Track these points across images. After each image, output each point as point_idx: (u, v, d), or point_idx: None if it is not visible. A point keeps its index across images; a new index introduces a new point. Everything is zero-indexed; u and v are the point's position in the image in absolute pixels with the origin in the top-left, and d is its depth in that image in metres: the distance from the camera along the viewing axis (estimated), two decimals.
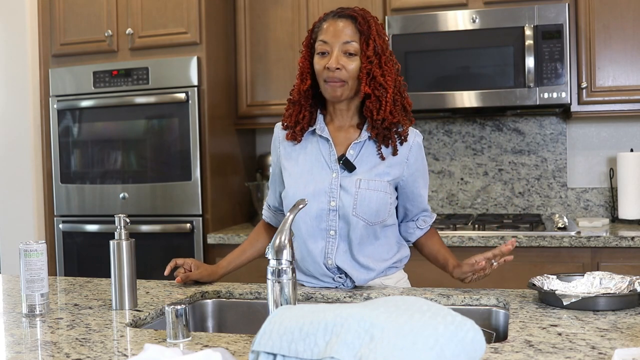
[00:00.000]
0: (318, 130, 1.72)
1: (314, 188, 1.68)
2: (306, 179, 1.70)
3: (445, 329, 0.94)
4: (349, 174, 1.68)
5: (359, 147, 1.70)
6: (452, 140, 3.41)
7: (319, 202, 1.68)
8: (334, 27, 1.66)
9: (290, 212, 1.33)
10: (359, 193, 1.66)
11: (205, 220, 3.13)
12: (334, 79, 1.64)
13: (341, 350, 0.91)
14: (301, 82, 1.72)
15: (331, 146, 1.71)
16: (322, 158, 1.72)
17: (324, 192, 1.68)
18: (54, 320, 1.46)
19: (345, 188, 1.67)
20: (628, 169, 2.99)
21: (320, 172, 1.70)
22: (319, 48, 1.68)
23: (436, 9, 3.04)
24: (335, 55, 1.64)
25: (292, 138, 1.75)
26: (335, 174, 1.69)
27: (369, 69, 1.65)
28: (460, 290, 1.66)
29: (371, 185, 1.67)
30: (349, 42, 1.65)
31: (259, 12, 3.34)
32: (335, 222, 1.68)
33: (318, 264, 1.70)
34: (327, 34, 1.66)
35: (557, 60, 2.83)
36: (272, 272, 1.29)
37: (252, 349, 0.98)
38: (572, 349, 1.14)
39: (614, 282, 1.51)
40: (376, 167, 1.69)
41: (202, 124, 3.12)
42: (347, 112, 1.73)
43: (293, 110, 1.74)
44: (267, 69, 3.33)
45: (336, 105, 1.72)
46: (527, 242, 2.66)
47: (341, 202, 1.67)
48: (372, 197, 1.67)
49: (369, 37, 1.65)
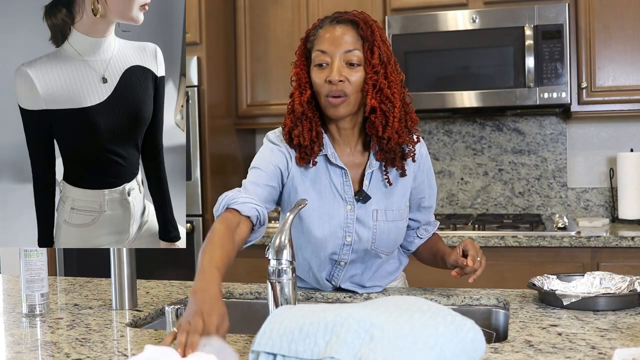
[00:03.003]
0: (331, 157, 1.53)
1: (329, 224, 1.54)
2: (319, 213, 1.54)
3: (445, 329, 0.94)
4: (363, 204, 1.55)
5: (370, 175, 1.56)
6: (452, 140, 3.41)
7: (335, 238, 1.55)
8: (333, 34, 1.47)
9: (290, 212, 1.32)
10: (377, 226, 1.55)
11: (205, 220, 3.13)
12: (336, 93, 1.46)
13: (341, 350, 0.91)
14: (300, 94, 1.51)
15: (346, 176, 1.54)
16: (333, 187, 1.55)
17: (339, 226, 1.54)
18: (54, 320, 1.46)
19: (361, 221, 1.55)
20: (628, 169, 2.99)
21: (333, 204, 1.55)
22: (317, 59, 1.48)
23: (436, 9, 3.04)
24: (337, 66, 1.45)
25: (304, 162, 1.52)
26: (350, 207, 1.55)
27: (375, 80, 1.46)
28: (460, 290, 1.66)
29: (389, 216, 1.56)
30: (351, 50, 1.46)
31: (259, 12, 3.34)
32: (348, 256, 1.57)
33: (320, 282, 1.66)
34: (325, 42, 1.47)
35: (557, 60, 2.83)
36: (272, 272, 1.29)
37: (252, 349, 0.98)
38: (572, 349, 1.14)
39: (614, 282, 1.51)
40: (390, 193, 1.57)
41: (202, 124, 3.12)
42: (352, 130, 1.55)
43: (302, 127, 1.50)
44: (267, 69, 3.33)
45: (339, 124, 1.54)
46: (527, 242, 2.66)
47: (357, 236, 1.55)
48: (391, 229, 1.57)
49: (373, 44, 1.46)
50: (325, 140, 1.55)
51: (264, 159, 1.55)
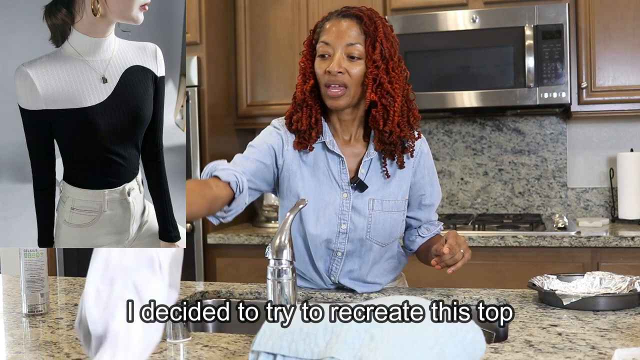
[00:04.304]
0: (328, 145, 1.59)
1: (324, 210, 1.58)
2: (315, 199, 1.59)
3: (445, 329, 0.94)
4: (360, 193, 1.58)
5: (367, 164, 1.60)
6: (452, 140, 3.41)
7: (330, 225, 1.58)
8: (337, 27, 1.53)
9: (290, 212, 1.32)
10: (373, 215, 1.58)
11: (205, 220, 3.13)
12: (335, 83, 1.51)
13: (341, 350, 0.91)
14: (304, 83, 1.57)
15: (343, 164, 1.59)
16: (331, 175, 1.60)
17: (334, 213, 1.58)
18: (54, 320, 1.46)
19: (357, 209, 1.58)
20: (628, 169, 2.99)
21: (329, 191, 1.59)
22: (320, 50, 1.55)
23: (436, 8, 3.04)
24: (337, 58, 1.51)
25: (302, 147, 1.58)
26: (346, 194, 1.59)
27: (375, 74, 1.51)
28: (460, 290, 1.66)
29: (385, 206, 1.59)
30: (352, 44, 1.51)
31: (259, 12, 3.35)
32: (344, 245, 1.59)
33: (319, 277, 1.67)
34: (329, 34, 1.53)
35: (557, 60, 2.83)
36: (272, 272, 1.30)
37: (252, 349, 0.98)
38: (572, 349, 1.14)
39: (614, 282, 1.51)
40: (388, 184, 1.60)
41: (202, 124, 3.13)
42: (352, 122, 1.60)
43: (302, 113, 1.57)
44: (267, 69, 3.33)
45: (340, 116, 1.59)
46: (527, 242, 2.66)
47: (352, 224, 1.58)
48: (387, 219, 1.59)
49: (376, 40, 1.52)
50: (325, 129, 1.60)
51: (259, 138, 1.63)
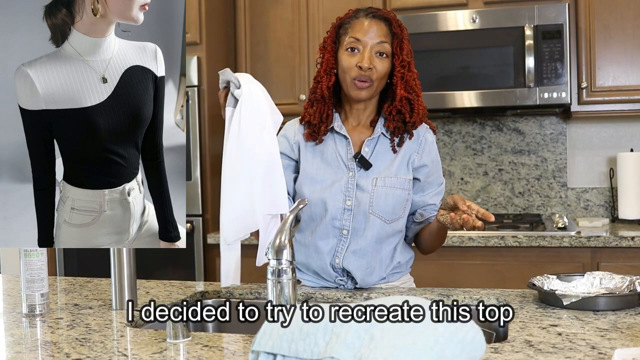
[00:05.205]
0: (336, 127, 1.72)
1: (330, 186, 1.68)
2: (323, 177, 1.70)
3: (445, 328, 0.94)
4: (365, 172, 1.69)
5: (372, 143, 1.71)
6: (452, 140, 3.41)
7: (335, 200, 1.67)
8: (369, 25, 1.66)
9: (290, 212, 1.33)
10: (375, 191, 1.67)
11: (205, 220, 3.13)
12: (364, 79, 1.63)
13: (341, 350, 0.91)
14: (328, 79, 1.69)
15: (349, 144, 1.71)
16: (338, 156, 1.71)
17: (340, 190, 1.68)
18: (54, 320, 1.46)
19: (361, 187, 1.68)
20: (628, 169, 2.99)
21: (336, 170, 1.70)
22: (349, 44, 1.66)
23: (436, 8, 3.04)
24: (367, 54, 1.64)
25: (312, 138, 1.73)
26: (351, 173, 1.69)
27: (403, 73, 1.67)
28: (460, 290, 1.66)
29: (387, 182, 1.68)
30: (382, 42, 1.65)
31: (259, 12, 3.35)
32: (349, 222, 1.67)
33: (324, 262, 1.69)
34: (360, 31, 1.65)
35: (557, 60, 2.83)
36: (272, 272, 1.30)
37: (252, 349, 0.98)
38: (572, 349, 1.14)
39: (614, 282, 1.51)
40: (392, 164, 1.70)
41: (202, 124, 3.13)
42: (365, 111, 1.73)
43: (317, 108, 1.71)
44: (267, 69, 3.33)
45: (354, 105, 1.72)
46: (527, 242, 2.66)
47: (357, 200, 1.67)
48: (389, 194, 1.67)
49: (402, 41, 1.67)
50: (335, 117, 1.74)
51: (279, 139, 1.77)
